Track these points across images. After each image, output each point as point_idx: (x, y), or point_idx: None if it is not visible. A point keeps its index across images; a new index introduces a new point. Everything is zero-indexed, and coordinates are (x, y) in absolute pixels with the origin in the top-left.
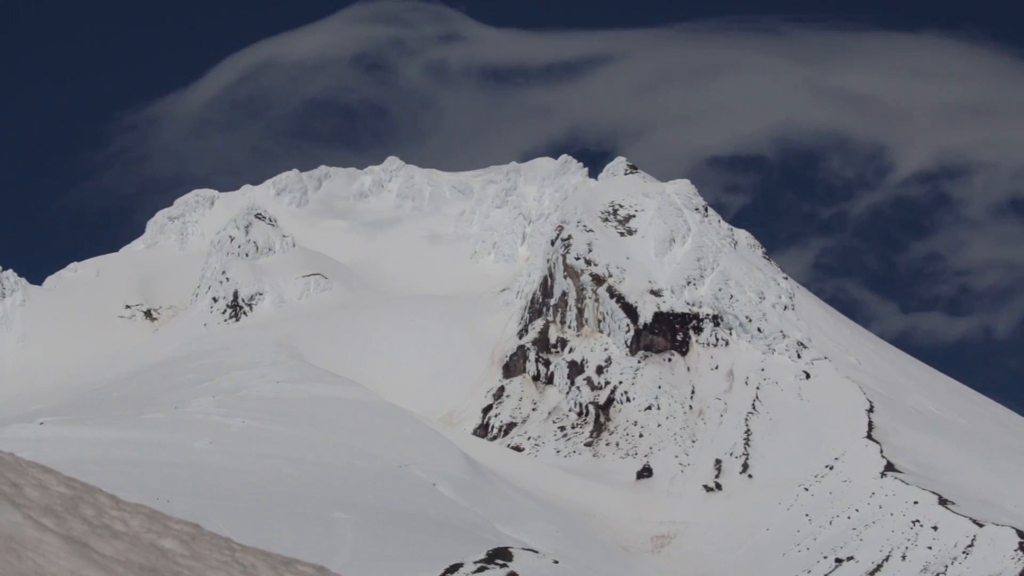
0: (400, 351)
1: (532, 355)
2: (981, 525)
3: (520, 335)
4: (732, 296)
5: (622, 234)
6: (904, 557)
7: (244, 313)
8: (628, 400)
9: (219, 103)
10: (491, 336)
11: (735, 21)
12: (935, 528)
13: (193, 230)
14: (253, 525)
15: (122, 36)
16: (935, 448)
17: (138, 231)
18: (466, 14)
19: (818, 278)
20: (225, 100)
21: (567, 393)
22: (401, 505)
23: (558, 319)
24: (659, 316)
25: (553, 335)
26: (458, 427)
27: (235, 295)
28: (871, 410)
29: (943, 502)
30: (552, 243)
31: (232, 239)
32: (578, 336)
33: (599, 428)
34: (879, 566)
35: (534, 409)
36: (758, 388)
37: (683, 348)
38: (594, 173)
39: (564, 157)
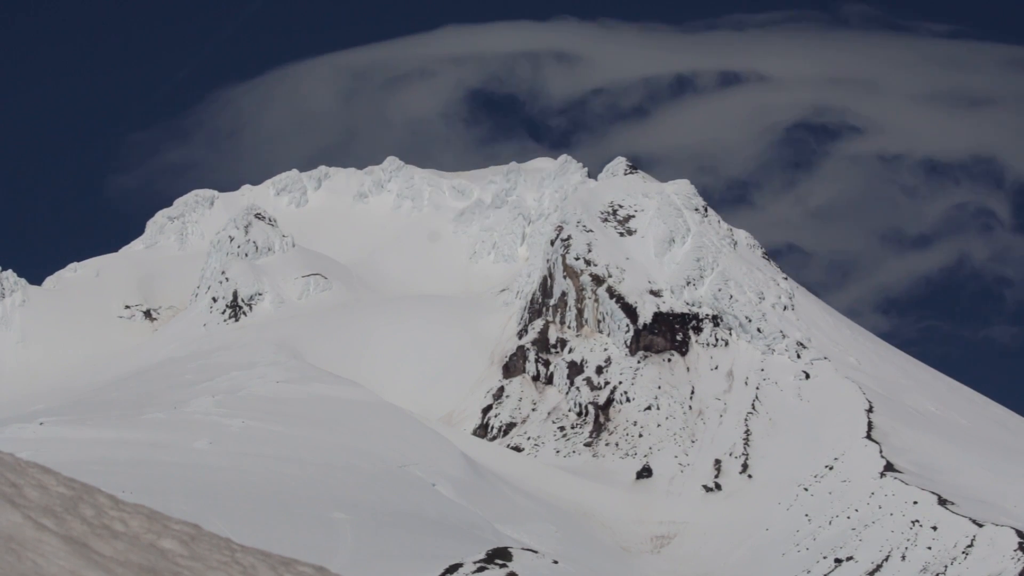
0: (400, 351)
1: (532, 355)
2: (981, 525)
3: (520, 335)
4: (732, 296)
5: (622, 234)
6: (904, 557)
7: (244, 313)
8: (628, 400)
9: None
10: (491, 336)
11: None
12: (935, 528)
13: (193, 230)
14: (253, 525)
15: (127, 35)
16: (935, 448)
17: (138, 231)
18: None
19: None
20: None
21: (567, 393)
22: (401, 505)
23: (558, 319)
24: (659, 316)
25: (553, 335)
26: (458, 427)
27: (235, 295)
28: (871, 410)
29: (943, 502)
30: (552, 243)
31: (232, 239)
32: (578, 336)
33: (599, 428)
34: (879, 566)
35: (534, 409)
36: (758, 388)
37: (683, 348)
38: (593, 173)
39: (564, 157)
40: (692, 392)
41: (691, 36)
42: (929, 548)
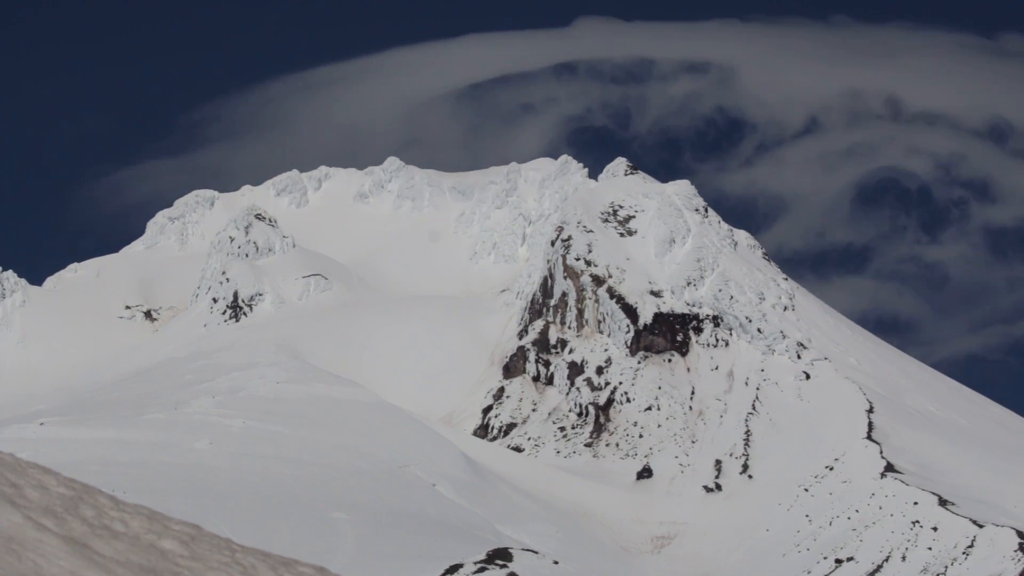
0: (400, 351)
1: (532, 356)
2: (981, 526)
3: (520, 336)
4: (732, 297)
5: (622, 235)
6: (904, 558)
7: (244, 314)
8: (628, 401)
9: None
10: (491, 337)
11: None
12: (935, 529)
13: (193, 231)
14: (253, 525)
15: (133, 34)
16: (935, 448)
17: (138, 231)
18: None
19: None
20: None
21: (567, 394)
22: (401, 505)
23: (558, 320)
24: (659, 317)
25: (553, 336)
26: (458, 427)
27: (235, 296)
28: (871, 410)
29: (943, 503)
30: (552, 244)
31: (232, 240)
32: (578, 337)
33: (599, 429)
34: (879, 567)
35: (534, 410)
36: (758, 389)
37: (683, 349)
38: (594, 174)
39: (564, 158)
40: (692, 392)
41: (837, 51)
42: (929, 548)
